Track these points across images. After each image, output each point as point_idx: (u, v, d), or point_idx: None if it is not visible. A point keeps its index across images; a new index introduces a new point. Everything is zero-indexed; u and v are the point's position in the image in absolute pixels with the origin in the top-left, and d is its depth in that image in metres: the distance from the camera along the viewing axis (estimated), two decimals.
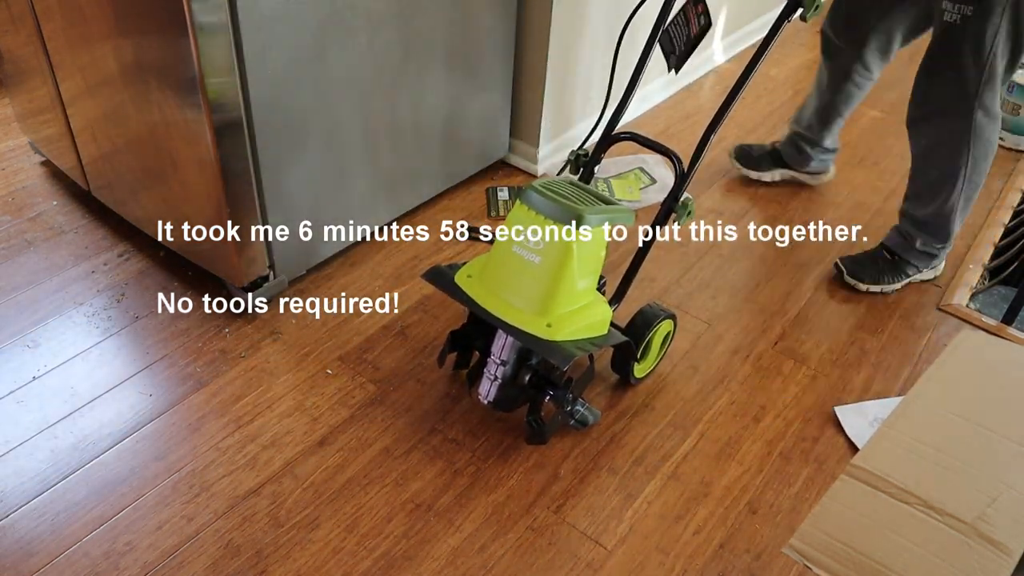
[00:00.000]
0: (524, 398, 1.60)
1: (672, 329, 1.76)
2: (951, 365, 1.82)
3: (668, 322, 1.72)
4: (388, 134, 1.93)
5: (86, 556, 1.38)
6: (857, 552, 1.44)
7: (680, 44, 1.55)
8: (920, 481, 1.55)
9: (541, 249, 1.41)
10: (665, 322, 1.70)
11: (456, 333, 1.64)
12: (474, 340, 1.64)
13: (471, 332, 1.64)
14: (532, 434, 1.59)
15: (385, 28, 1.77)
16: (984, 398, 1.74)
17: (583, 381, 1.58)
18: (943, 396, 1.74)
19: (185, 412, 1.63)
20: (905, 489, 1.54)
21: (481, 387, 1.56)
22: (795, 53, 3.17)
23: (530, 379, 1.55)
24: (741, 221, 2.26)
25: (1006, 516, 1.49)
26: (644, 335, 1.65)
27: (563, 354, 1.40)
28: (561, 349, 1.41)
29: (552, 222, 1.40)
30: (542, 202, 1.41)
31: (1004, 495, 1.53)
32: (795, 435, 1.68)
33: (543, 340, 1.41)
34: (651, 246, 1.65)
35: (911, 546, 1.44)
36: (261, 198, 1.71)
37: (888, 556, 1.43)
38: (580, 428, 1.62)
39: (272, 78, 1.59)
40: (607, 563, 1.43)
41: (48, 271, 1.93)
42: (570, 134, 2.43)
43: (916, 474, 1.56)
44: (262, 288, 1.83)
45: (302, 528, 1.44)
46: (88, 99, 1.80)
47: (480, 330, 1.62)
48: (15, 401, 1.63)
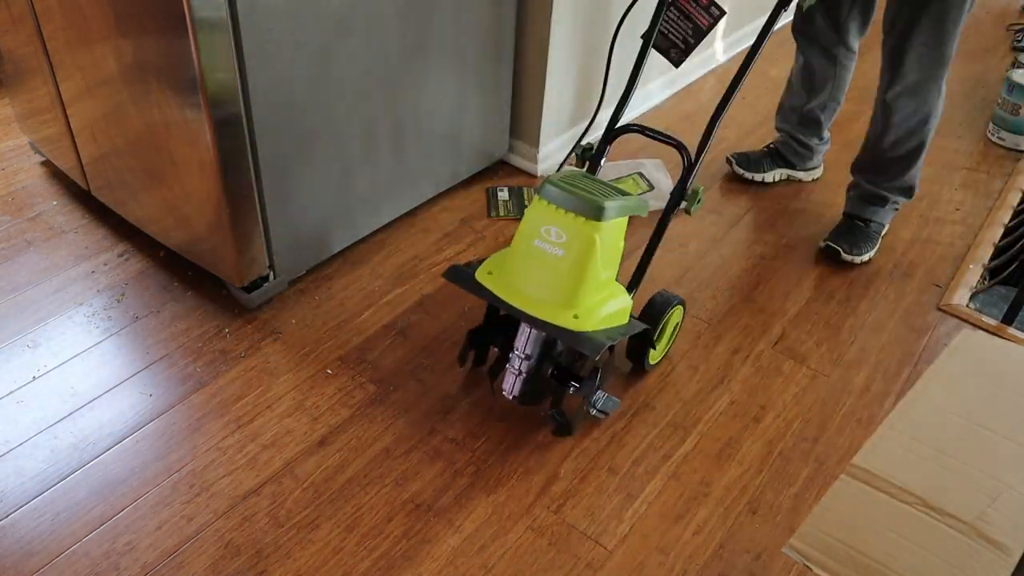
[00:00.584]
0: (548, 392, 1.61)
1: (682, 315, 1.80)
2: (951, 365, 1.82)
3: (679, 308, 1.75)
4: (388, 134, 1.93)
5: (86, 556, 1.38)
6: (857, 552, 1.44)
7: (680, 38, 1.56)
8: (920, 481, 1.55)
9: (564, 242, 1.42)
10: (677, 308, 1.73)
11: (475, 331, 1.65)
12: (493, 337, 1.66)
13: (490, 329, 1.65)
14: (558, 427, 1.60)
15: (385, 28, 1.77)
16: (984, 398, 1.74)
17: (607, 371, 1.60)
18: (943, 396, 1.74)
19: (185, 412, 1.63)
20: (905, 489, 1.54)
21: (505, 383, 1.57)
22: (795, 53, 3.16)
23: (553, 372, 1.56)
24: (741, 221, 2.27)
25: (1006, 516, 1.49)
26: (660, 321, 1.68)
27: (593, 344, 1.42)
28: (590, 339, 1.42)
29: (575, 215, 1.42)
30: (562, 196, 1.42)
31: (1004, 495, 1.53)
32: (795, 435, 1.68)
33: (572, 331, 1.42)
34: (663, 235, 1.67)
35: (911, 546, 1.44)
36: (261, 198, 1.71)
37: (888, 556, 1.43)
38: (602, 417, 1.64)
39: (272, 78, 1.59)
40: (607, 563, 1.42)
41: (48, 271, 1.93)
42: (570, 134, 2.43)
43: (916, 474, 1.56)
44: (262, 288, 1.83)
45: (302, 528, 1.44)
46: (88, 99, 1.80)
47: (499, 327, 1.63)
48: (15, 401, 1.63)
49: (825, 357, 1.86)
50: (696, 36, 1.55)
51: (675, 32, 1.57)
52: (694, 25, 1.55)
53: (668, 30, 1.57)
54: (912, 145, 2.02)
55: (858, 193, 2.16)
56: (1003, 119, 2.70)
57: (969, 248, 2.22)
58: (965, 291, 2.07)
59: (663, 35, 1.59)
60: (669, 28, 1.57)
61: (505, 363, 1.58)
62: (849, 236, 2.12)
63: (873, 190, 2.12)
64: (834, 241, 2.11)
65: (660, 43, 1.60)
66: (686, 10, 1.55)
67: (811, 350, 1.88)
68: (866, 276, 2.10)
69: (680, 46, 1.57)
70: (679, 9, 1.56)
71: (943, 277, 2.11)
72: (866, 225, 2.14)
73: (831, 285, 2.06)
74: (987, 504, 1.51)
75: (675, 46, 1.58)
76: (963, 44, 3.18)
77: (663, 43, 1.60)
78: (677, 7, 1.57)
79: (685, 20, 1.55)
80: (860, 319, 1.97)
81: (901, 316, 1.99)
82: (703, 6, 1.54)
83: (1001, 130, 2.71)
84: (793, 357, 1.86)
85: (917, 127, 1.99)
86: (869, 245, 2.13)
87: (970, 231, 2.28)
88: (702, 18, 1.54)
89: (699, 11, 1.54)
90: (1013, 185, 2.50)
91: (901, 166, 2.07)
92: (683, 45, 1.57)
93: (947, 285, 2.08)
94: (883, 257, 2.17)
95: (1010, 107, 2.68)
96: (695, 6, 1.55)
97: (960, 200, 2.42)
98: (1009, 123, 2.68)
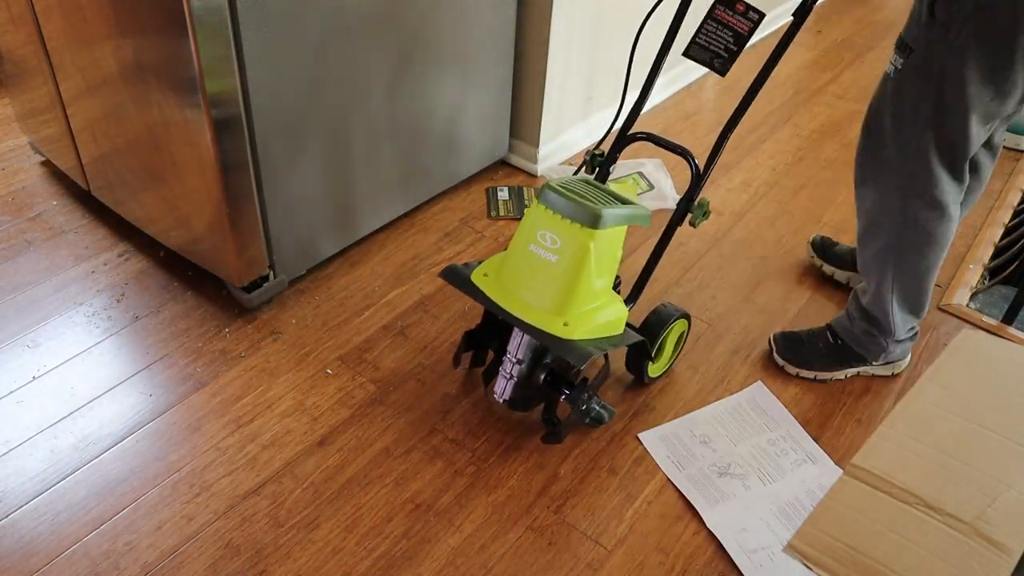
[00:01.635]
0: (540, 397, 1.61)
1: (686, 328, 1.76)
2: (951, 365, 1.82)
3: (682, 322, 1.71)
4: (388, 133, 1.93)
5: (86, 556, 1.38)
6: (857, 552, 1.44)
7: (722, 47, 1.54)
8: (920, 481, 1.55)
9: (559, 248, 1.41)
10: (679, 322, 1.70)
11: (471, 332, 1.64)
12: (489, 339, 1.65)
13: (486, 331, 1.65)
14: (549, 433, 1.59)
15: (385, 28, 1.77)
16: (984, 398, 1.74)
17: (599, 380, 1.59)
18: (943, 396, 1.74)
19: (185, 412, 1.63)
20: (905, 489, 1.54)
21: (497, 386, 1.56)
22: (795, 53, 3.17)
23: (545, 378, 1.56)
24: (741, 221, 2.26)
25: (1006, 516, 1.49)
26: (659, 334, 1.64)
27: (579, 353, 1.41)
28: (577, 348, 1.41)
29: (570, 221, 1.40)
30: (561, 201, 1.40)
31: (1004, 495, 1.53)
32: None
33: (560, 339, 1.41)
34: (666, 247, 1.64)
35: (911, 546, 1.44)
36: (261, 198, 1.71)
37: (888, 556, 1.43)
38: (595, 426, 1.63)
39: (272, 77, 1.59)
40: (607, 563, 1.42)
41: (48, 271, 1.93)
42: (570, 134, 2.43)
43: (916, 474, 1.56)
44: (262, 288, 1.83)
45: (302, 528, 1.44)
46: (88, 99, 1.80)
47: (495, 329, 1.63)
48: (15, 401, 1.63)
49: None
50: (739, 42, 1.52)
51: (715, 42, 1.54)
52: (734, 33, 1.52)
53: (707, 42, 1.55)
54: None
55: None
56: None
57: (969, 248, 2.22)
58: (965, 291, 2.07)
59: (702, 47, 1.56)
60: (708, 40, 1.54)
61: (499, 366, 1.58)
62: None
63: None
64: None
65: (699, 55, 1.56)
66: (722, 20, 1.53)
67: None
68: None
69: (723, 55, 1.54)
70: (715, 20, 1.54)
71: (943, 277, 2.11)
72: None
73: (831, 285, 2.06)
74: (987, 504, 1.51)
75: (718, 56, 1.54)
76: None
77: (702, 55, 1.56)
78: (713, 18, 1.54)
79: (724, 29, 1.53)
80: None
81: None
82: (740, 12, 1.51)
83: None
84: None
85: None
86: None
87: (970, 231, 2.28)
88: (741, 24, 1.51)
89: (737, 18, 1.52)
90: (1013, 185, 2.50)
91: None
92: (726, 54, 1.54)
93: (947, 285, 2.08)
94: None
95: None
96: (731, 14, 1.52)
97: None
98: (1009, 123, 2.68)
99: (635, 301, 1.66)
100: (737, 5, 1.51)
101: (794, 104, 2.84)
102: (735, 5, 1.51)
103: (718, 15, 1.53)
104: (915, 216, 1.54)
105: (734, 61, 1.54)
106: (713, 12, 1.53)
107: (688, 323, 1.75)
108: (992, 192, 2.45)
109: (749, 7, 1.51)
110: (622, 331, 1.53)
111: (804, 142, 2.64)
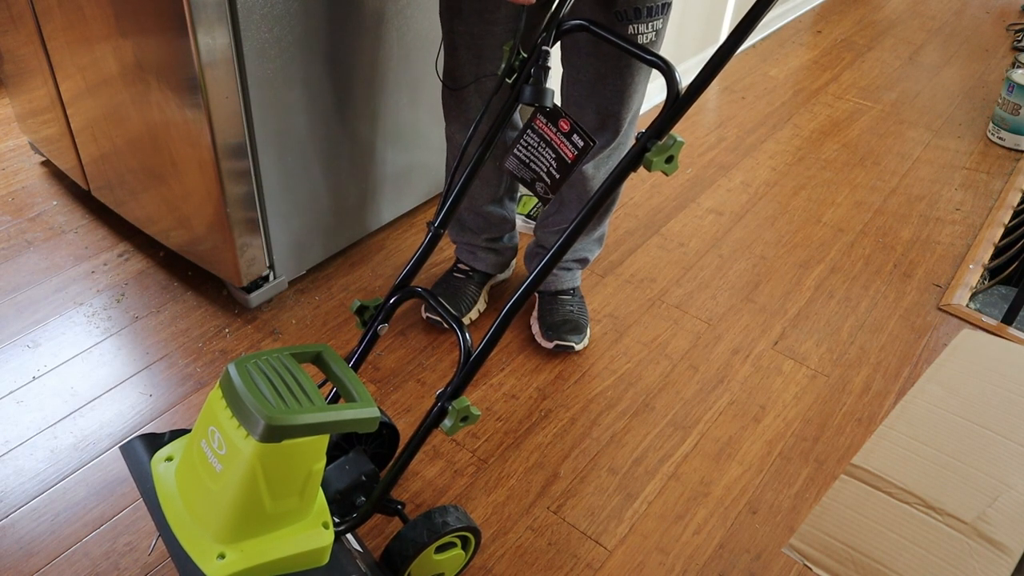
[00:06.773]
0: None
1: (472, 550, 1.34)
2: (951, 365, 1.82)
3: (455, 549, 1.29)
4: (388, 133, 1.93)
5: (86, 556, 1.38)
6: (857, 552, 1.44)
7: (543, 170, 1.22)
8: (920, 481, 1.55)
9: (224, 455, 1.02)
10: (450, 549, 1.28)
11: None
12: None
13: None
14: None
15: (385, 28, 1.77)
16: (984, 398, 1.74)
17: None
18: (943, 396, 1.74)
19: (185, 412, 1.63)
20: (905, 489, 1.54)
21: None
22: (795, 53, 3.17)
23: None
24: (741, 220, 2.27)
25: (1006, 516, 1.49)
26: (403, 567, 1.21)
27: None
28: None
29: (237, 424, 1.01)
30: (232, 391, 1.02)
31: (1004, 495, 1.53)
32: (795, 435, 1.68)
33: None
34: (421, 444, 1.24)
35: (911, 546, 1.44)
36: (261, 198, 1.71)
37: (888, 556, 1.43)
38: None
39: (272, 77, 1.59)
40: (607, 563, 1.43)
41: (48, 271, 1.93)
42: None
43: (916, 474, 1.56)
44: (262, 288, 1.83)
45: None
46: (88, 99, 1.80)
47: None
48: (15, 401, 1.63)
49: (825, 357, 1.86)
50: (563, 169, 1.19)
51: (537, 161, 1.21)
52: (558, 156, 1.19)
53: (528, 158, 1.22)
54: None
55: None
56: (1003, 119, 2.70)
57: (969, 248, 2.22)
58: (965, 291, 2.07)
59: (522, 163, 1.23)
60: (529, 155, 1.22)
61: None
62: None
63: None
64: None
65: (520, 172, 1.24)
66: (544, 135, 1.20)
67: (811, 350, 1.88)
68: (866, 276, 2.10)
69: (545, 180, 1.21)
70: (536, 133, 1.21)
71: (943, 277, 2.11)
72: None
73: (831, 285, 2.06)
74: (987, 504, 1.51)
75: (539, 179, 1.22)
76: (963, 44, 3.19)
77: (524, 172, 1.24)
78: (533, 130, 1.21)
79: (546, 147, 1.20)
80: (860, 319, 1.97)
81: (901, 316, 1.99)
82: (564, 133, 1.17)
83: (1001, 130, 2.71)
84: (793, 357, 1.86)
85: None
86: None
87: (970, 231, 2.28)
88: (566, 149, 1.18)
89: (560, 138, 1.18)
90: (1013, 185, 2.50)
91: None
92: (548, 180, 1.21)
93: (947, 285, 2.08)
94: (883, 257, 2.17)
95: (1010, 107, 2.68)
96: (554, 131, 1.18)
97: (960, 200, 2.43)
98: (1009, 123, 2.68)
99: (371, 506, 1.23)
100: (561, 122, 1.18)
101: (794, 104, 2.84)
102: (558, 122, 1.18)
103: (538, 126, 1.21)
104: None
105: (559, 188, 1.22)
106: (532, 122, 1.21)
107: (475, 542, 1.32)
108: (992, 192, 2.45)
109: (576, 128, 1.17)
110: (325, 562, 1.12)
111: (804, 142, 2.64)
